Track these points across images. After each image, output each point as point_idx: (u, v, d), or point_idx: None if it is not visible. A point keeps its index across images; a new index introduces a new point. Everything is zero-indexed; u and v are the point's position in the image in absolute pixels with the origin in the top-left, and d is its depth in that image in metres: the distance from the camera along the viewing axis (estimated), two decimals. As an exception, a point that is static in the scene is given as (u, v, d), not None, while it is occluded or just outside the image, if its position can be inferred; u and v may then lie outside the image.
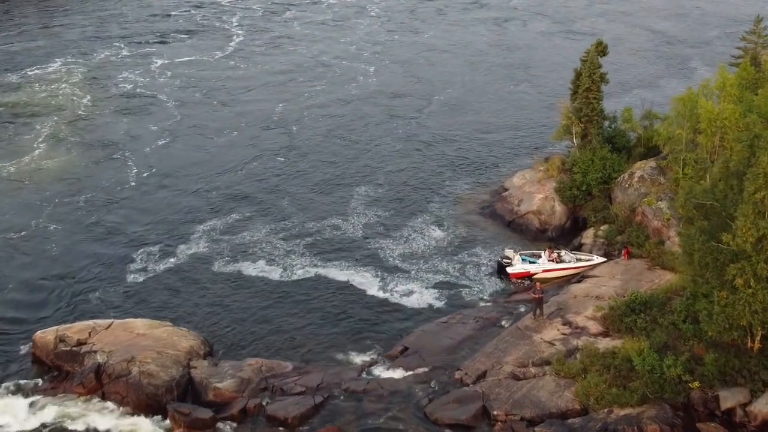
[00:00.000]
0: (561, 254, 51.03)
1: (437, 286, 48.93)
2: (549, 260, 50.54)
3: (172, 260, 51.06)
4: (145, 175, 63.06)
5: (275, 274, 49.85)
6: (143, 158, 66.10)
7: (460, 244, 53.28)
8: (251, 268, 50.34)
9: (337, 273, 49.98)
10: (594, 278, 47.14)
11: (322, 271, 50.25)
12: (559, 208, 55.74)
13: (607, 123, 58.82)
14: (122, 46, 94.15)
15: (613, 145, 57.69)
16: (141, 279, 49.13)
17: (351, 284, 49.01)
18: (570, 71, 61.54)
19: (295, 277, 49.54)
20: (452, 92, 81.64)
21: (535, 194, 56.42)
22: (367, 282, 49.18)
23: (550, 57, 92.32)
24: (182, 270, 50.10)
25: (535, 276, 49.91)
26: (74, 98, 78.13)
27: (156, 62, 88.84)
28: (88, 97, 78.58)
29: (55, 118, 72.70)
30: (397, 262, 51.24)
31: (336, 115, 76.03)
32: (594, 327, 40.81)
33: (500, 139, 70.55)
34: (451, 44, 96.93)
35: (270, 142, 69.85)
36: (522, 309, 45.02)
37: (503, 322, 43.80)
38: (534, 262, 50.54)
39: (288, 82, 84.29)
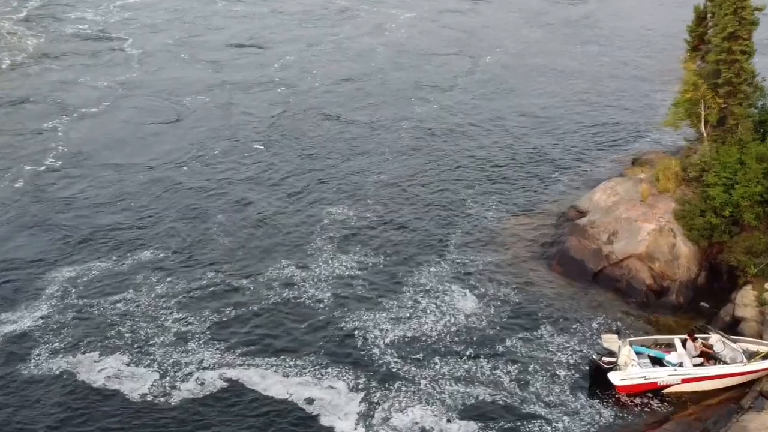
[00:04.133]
0: (712, 343, 26.46)
1: (472, 415, 24.31)
2: (693, 355, 25.98)
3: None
4: (65, 159, 40.63)
5: (146, 383, 25.26)
6: (76, 129, 45.43)
7: (509, 324, 28.56)
8: (108, 370, 25.74)
9: (279, 385, 25.49)
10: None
11: (247, 377, 25.72)
12: (684, 248, 30.98)
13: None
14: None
15: (764, 134, 33.21)
16: None
17: (303, 410, 24.42)
18: (664, 30, 37.16)
19: (186, 394, 24.89)
20: (491, 60, 56.99)
21: (640, 223, 31.67)
22: (336, 405, 24.69)
23: (635, 11, 67.48)
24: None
25: (668, 389, 25.40)
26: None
27: None
28: (32, 41, 59.99)
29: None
30: (392, 360, 26.64)
31: (334, 82, 52.82)
32: None
33: (561, 128, 45.77)
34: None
35: (243, 117, 47.33)
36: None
37: None
38: (662, 359, 25.96)
39: (287, 27, 61.88)
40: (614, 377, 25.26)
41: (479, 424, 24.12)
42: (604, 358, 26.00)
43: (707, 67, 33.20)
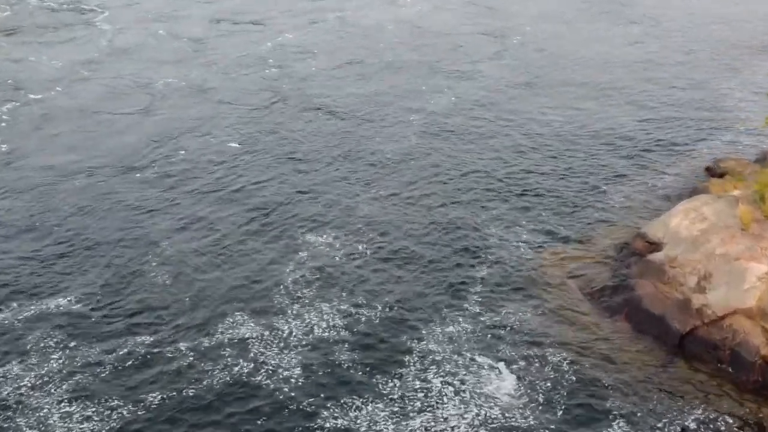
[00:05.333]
0: None
1: None
2: None
3: None
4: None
5: None
6: (13, 118, 36.82)
7: (565, 421, 19.20)
8: None
9: None
10: None
11: None
12: (811, 301, 21.61)
13: None
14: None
15: None
16: None
17: None
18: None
19: None
20: (520, 42, 47.80)
21: (744, 263, 22.20)
22: None
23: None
24: None
25: None
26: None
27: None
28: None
29: None
30: (393, 486, 17.53)
31: (335, 66, 44.12)
32: None
33: (604, 127, 36.48)
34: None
35: (223, 108, 38.40)
36: None
37: None
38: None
39: None
40: None
41: None
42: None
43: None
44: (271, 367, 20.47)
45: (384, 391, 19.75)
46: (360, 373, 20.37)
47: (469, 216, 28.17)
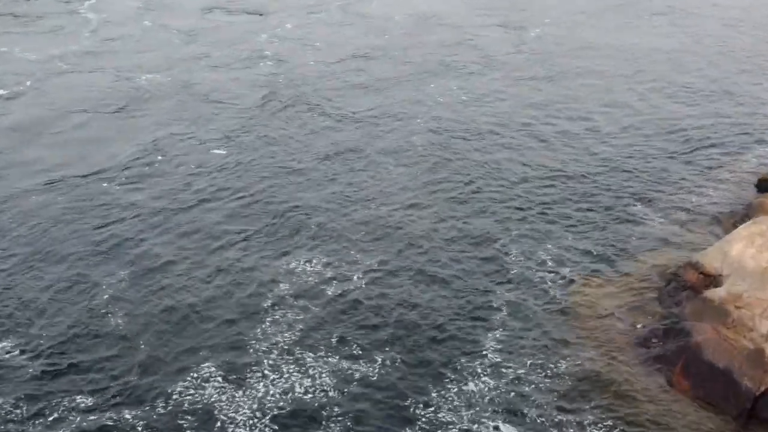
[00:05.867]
0: None
1: None
2: None
3: None
4: None
5: None
6: None
7: None
8: None
9: None
10: None
11: None
12: None
13: None
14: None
15: None
16: None
17: None
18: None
19: None
20: (539, 35, 43.96)
21: (830, 306, 18.01)
22: None
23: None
24: None
25: None
26: None
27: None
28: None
29: None
30: None
31: (336, 61, 40.04)
32: None
33: (634, 131, 32.25)
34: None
35: (211, 108, 34.18)
36: None
37: None
38: None
39: None
40: None
41: None
42: None
43: None
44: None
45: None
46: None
47: (484, 239, 23.91)
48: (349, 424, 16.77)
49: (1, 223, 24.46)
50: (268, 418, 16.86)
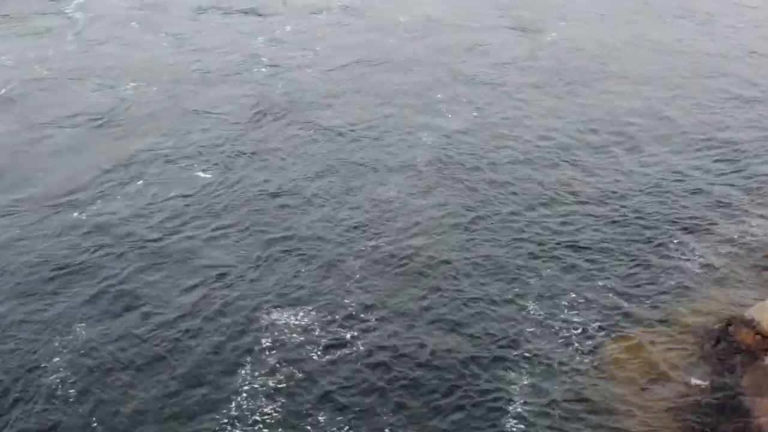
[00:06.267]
0: None
1: None
2: None
3: None
4: None
5: None
6: None
7: None
8: None
9: None
10: None
11: None
12: None
13: None
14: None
15: None
16: None
17: None
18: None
19: None
20: (555, 39, 40.37)
21: None
22: None
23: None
24: None
25: None
26: None
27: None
28: None
29: None
30: None
31: (336, 68, 36.65)
32: None
33: (662, 148, 29.03)
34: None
35: (198, 121, 30.74)
36: None
37: None
38: None
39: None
40: None
41: None
42: None
43: None
44: None
45: None
46: None
47: (496, 288, 20.77)
48: None
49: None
50: None
